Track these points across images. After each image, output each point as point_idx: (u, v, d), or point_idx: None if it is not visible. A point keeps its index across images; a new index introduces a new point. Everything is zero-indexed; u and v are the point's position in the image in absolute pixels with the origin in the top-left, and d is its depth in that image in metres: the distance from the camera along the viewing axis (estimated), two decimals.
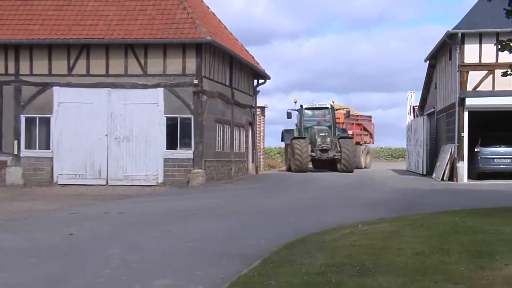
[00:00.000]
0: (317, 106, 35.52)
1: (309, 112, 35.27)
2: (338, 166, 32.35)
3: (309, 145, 32.36)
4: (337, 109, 36.78)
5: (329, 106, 35.39)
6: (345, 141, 32.90)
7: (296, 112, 36.03)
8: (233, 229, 11.61)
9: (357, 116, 41.73)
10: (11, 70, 23.33)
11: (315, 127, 33.76)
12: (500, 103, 24.30)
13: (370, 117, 44.30)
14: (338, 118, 37.44)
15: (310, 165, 34.44)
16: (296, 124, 36.81)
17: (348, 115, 37.31)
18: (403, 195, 19.09)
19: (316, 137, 32.66)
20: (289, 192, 20.06)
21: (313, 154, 32.39)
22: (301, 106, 35.38)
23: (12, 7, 23.98)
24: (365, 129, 41.96)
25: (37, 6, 23.91)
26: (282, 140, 35.64)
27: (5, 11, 23.87)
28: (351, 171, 31.97)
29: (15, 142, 23.27)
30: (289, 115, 35.11)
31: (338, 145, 32.62)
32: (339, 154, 32.29)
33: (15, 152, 23.26)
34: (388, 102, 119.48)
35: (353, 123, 39.86)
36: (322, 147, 32.39)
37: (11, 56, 23.32)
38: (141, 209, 15.04)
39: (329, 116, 35.09)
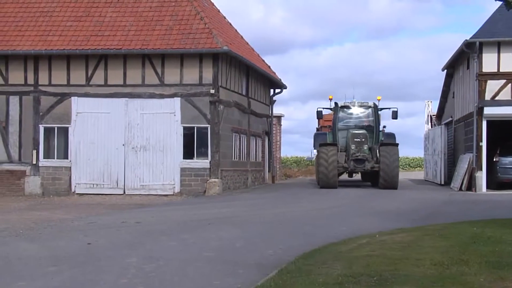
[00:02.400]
0: (356, 104, 28.61)
1: (346, 111, 28.55)
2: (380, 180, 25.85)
3: (342, 154, 26.54)
4: (381, 109, 29.06)
5: (372, 104, 28.42)
6: (386, 149, 25.85)
7: (329, 112, 30.20)
8: (250, 238, 11.57)
9: None
10: (30, 80, 23.54)
11: (351, 130, 27.21)
12: None
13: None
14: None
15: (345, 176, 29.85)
16: (329, 127, 30.51)
17: (395, 116, 28.75)
18: (421, 205, 18.96)
19: (350, 144, 26.45)
20: (305, 202, 19.98)
21: (345, 165, 26.50)
22: (336, 104, 28.52)
23: (32, 18, 24.23)
24: None
25: (56, 18, 24.14)
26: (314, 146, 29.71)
27: (25, 22, 24.12)
28: (394, 187, 25.36)
29: (34, 152, 23.44)
30: (319, 115, 29.43)
31: (378, 154, 26.23)
32: (378, 165, 25.87)
33: (34, 162, 23.42)
34: (406, 111, 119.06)
35: None
36: (357, 156, 26.13)
37: (31, 66, 23.54)
38: (158, 219, 15.05)
39: (371, 118, 28.25)
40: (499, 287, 6.86)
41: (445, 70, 31.74)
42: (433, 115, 38.76)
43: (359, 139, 26.45)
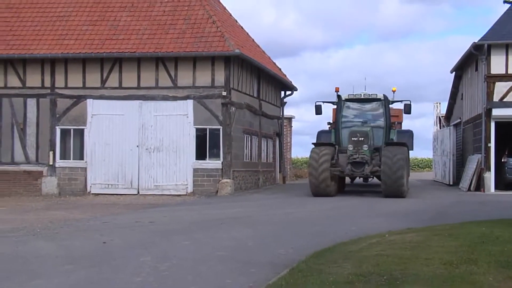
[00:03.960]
0: (362, 96, 23.26)
1: (350, 105, 23.40)
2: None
3: (344, 155, 21.67)
4: (393, 102, 23.92)
5: (382, 96, 23.15)
6: (389, 150, 21.04)
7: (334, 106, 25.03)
8: (262, 237, 11.57)
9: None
10: (47, 83, 23.70)
11: (352, 128, 22.25)
12: None
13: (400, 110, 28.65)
14: (397, 116, 26.08)
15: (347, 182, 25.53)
16: (329, 124, 25.56)
17: (408, 110, 23.39)
18: (430, 205, 18.88)
19: (348, 144, 21.53)
20: (315, 202, 19.91)
21: (338, 169, 21.46)
22: (339, 97, 23.32)
23: (49, 23, 24.38)
24: None
25: (72, 22, 24.28)
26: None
27: (42, 26, 24.28)
28: (398, 195, 20.58)
29: (51, 153, 23.58)
30: (318, 110, 23.96)
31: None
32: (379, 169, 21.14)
33: (51, 163, 23.57)
34: (414, 112, 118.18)
35: (400, 123, 28.40)
36: (355, 158, 21.20)
37: (47, 70, 23.70)
38: (171, 218, 15.08)
39: (380, 112, 23.18)
40: (508, 286, 6.80)
41: (454, 72, 31.62)
42: (442, 116, 38.63)
43: (356, 138, 21.19)
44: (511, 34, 24.15)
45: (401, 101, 23.85)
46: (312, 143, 22.73)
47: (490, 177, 24.48)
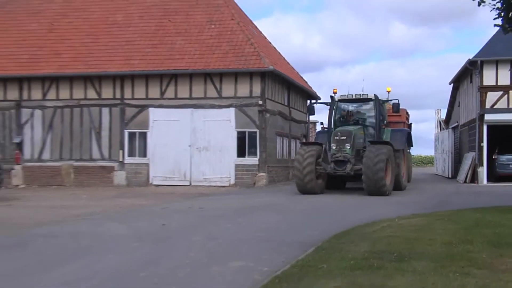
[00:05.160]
0: (354, 97, 19.73)
1: (342, 106, 20.10)
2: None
3: (327, 154, 18.42)
4: (383, 101, 20.23)
5: (372, 96, 19.59)
6: (371, 148, 17.60)
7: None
8: (292, 222, 11.51)
9: (407, 113, 25.27)
10: (118, 95, 24.02)
11: (337, 128, 19.11)
12: None
13: (408, 114, 26.18)
14: (400, 115, 22.22)
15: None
16: (322, 124, 22.04)
17: (397, 109, 20.01)
18: (433, 195, 18.56)
19: (331, 143, 18.42)
20: (334, 193, 19.69)
21: (321, 167, 18.23)
22: (332, 98, 20.08)
23: (119, 47, 24.71)
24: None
25: (138, 45, 24.56)
26: None
27: (113, 49, 24.62)
28: (379, 193, 17.18)
29: (120, 151, 23.89)
30: (311, 111, 21.86)
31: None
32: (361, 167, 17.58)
33: (120, 159, 23.88)
34: (419, 117, 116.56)
35: (404, 123, 23.85)
36: (337, 157, 18.03)
37: (118, 84, 24.01)
38: (217, 205, 15.10)
39: (371, 111, 19.80)
40: (499, 262, 6.67)
41: (452, 84, 31.16)
42: (442, 121, 38.00)
43: (338, 137, 18.17)
44: (501, 52, 23.80)
45: (390, 100, 20.37)
46: (300, 143, 19.97)
47: (483, 171, 24.11)
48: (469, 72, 26.21)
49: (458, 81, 30.32)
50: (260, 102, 22.70)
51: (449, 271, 6.22)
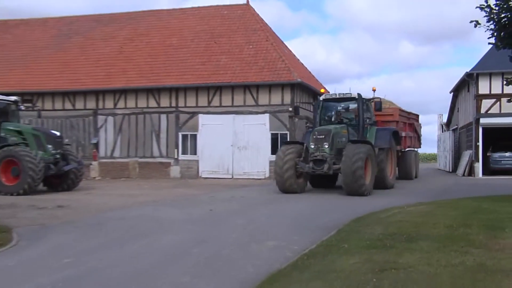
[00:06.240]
0: (337, 96, 16.49)
1: (326, 106, 16.81)
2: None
3: (309, 153, 15.10)
4: (368, 100, 16.69)
5: (356, 95, 16.12)
6: (350, 148, 14.33)
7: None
8: (317, 209, 11.49)
9: (408, 114, 22.86)
10: (173, 104, 24.30)
11: (318, 127, 15.81)
12: (505, 121, 23.29)
13: (417, 116, 24.67)
14: (392, 115, 19.35)
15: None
16: (306, 123, 20.51)
17: (379, 107, 16.25)
18: (435, 186, 18.17)
19: (310, 142, 15.14)
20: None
21: (300, 167, 15.01)
22: (317, 97, 17.68)
23: (174, 64, 24.99)
24: (415, 131, 23.46)
25: (190, 63, 24.76)
26: None
27: (170, 66, 24.94)
28: (358, 193, 13.98)
29: (175, 150, 24.18)
30: (296, 111, 18.94)
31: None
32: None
33: (175, 157, 24.16)
34: (424, 121, 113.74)
35: (405, 123, 21.44)
36: (316, 156, 14.87)
37: (173, 95, 24.29)
38: (255, 195, 15.11)
39: (354, 110, 16.50)
40: (493, 243, 6.53)
41: (452, 93, 30.60)
42: (444, 124, 37.19)
43: (316, 137, 14.99)
44: (494, 66, 23.37)
45: (373, 98, 16.95)
46: (282, 142, 17.86)
47: (478, 166, 23.70)
48: (466, 83, 25.68)
49: (457, 90, 29.72)
50: (290, 109, 22.63)
51: (450, 250, 6.14)
